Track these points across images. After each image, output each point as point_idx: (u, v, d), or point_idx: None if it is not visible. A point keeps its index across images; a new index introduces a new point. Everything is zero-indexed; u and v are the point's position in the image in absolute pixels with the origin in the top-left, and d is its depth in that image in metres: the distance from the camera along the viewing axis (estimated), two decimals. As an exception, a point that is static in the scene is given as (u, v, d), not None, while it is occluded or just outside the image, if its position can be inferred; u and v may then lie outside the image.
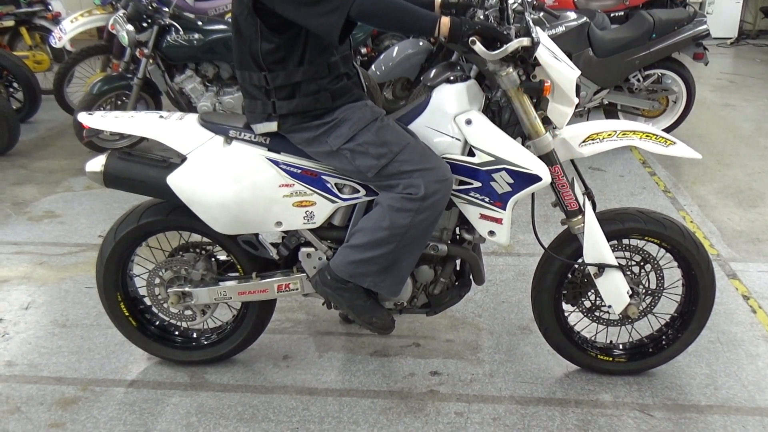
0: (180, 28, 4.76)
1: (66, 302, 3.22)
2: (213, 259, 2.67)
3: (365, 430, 2.40)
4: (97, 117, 2.47)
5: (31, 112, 6.01)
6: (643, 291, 2.57)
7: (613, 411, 2.49)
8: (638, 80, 5.26)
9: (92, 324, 3.02)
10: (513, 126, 2.39)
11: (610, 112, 5.39)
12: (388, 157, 2.22)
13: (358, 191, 2.38)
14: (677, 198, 4.39)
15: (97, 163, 2.44)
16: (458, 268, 2.61)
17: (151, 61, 4.82)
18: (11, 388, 2.63)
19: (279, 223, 2.40)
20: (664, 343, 2.63)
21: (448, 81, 2.39)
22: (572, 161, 2.53)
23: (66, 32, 5.50)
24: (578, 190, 2.49)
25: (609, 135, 2.37)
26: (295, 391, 2.60)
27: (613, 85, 5.23)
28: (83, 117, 2.48)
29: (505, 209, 2.31)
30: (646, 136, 2.38)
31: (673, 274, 2.62)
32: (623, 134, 2.38)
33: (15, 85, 5.90)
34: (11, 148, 5.27)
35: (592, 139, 2.38)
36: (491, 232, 2.36)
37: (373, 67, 5.48)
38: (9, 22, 6.53)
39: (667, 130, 5.38)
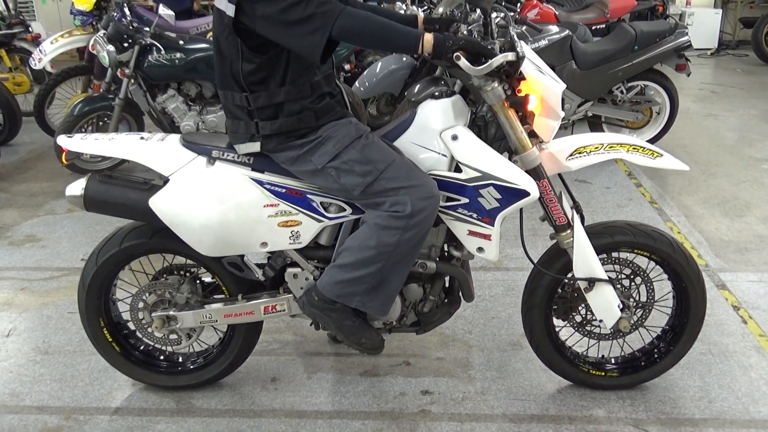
0: (161, 48, 4.72)
1: (48, 328, 3.15)
2: (198, 282, 2.62)
3: (356, 453, 2.36)
4: (77, 140, 2.43)
5: (12, 134, 5.93)
6: (634, 304, 2.55)
7: (607, 427, 2.45)
8: (621, 92, 5.28)
9: (75, 350, 2.95)
10: (499, 141, 2.36)
11: (595, 124, 5.41)
12: (373, 175, 2.19)
13: (345, 209, 2.35)
14: (664, 209, 4.39)
15: (77, 187, 2.39)
16: (447, 285, 2.57)
17: (132, 81, 4.77)
18: (-8, 418, 2.56)
19: (264, 244, 2.36)
20: (656, 356, 2.61)
21: (433, 97, 2.37)
22: (559, 175, 2.51)
23: (46, 53, 5.46)
24: (566, 203, 2.47)
25: (596, 148, 2.36)
26: (284, 414, 2.55)
27: (596, 97, 5.24)
28: (63, 140, 2.44)
29: (493, 225, 2.28)
30: (633, 148, 2.37)
31: (664, 287, 2.60)
32: (610, 147, 2.36)
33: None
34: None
35: (579, 153, 2.36)
36: (480, 249, 2.33)
37: (357, 83, 5.47)
38: (-12, 45, 6.47)
39: (652, 141, 5.39)
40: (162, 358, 2.70)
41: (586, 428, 2.45)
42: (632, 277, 2.56)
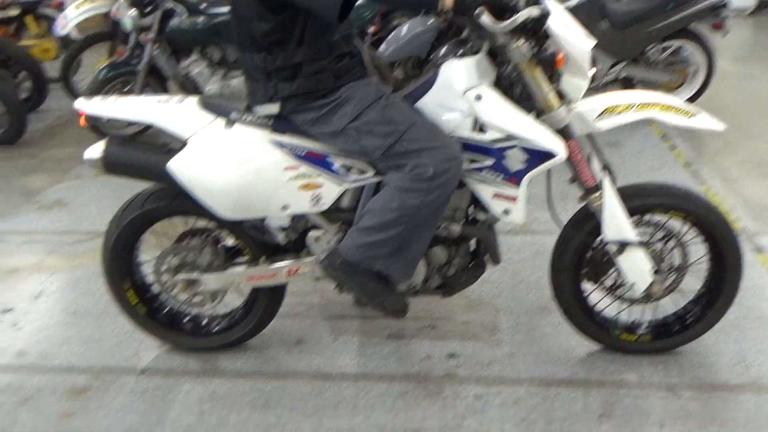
0: (184, 12, 4.67)
1: (77, 290, 3.17)
2: (221, 245, 2.60)
3: (382, 415, 2.34)
4: (95, 103, 2.41)
5: (39, 101, 5.95)
6: (667, 268, 2.48)
7: (638, 391, 2.40)
8: (656, 52, 5.12)
9: (102, 312, 2.96)
10: (526, 101, 2.28)
11: (627, 86, 5.25)
12: (394, 136, 2.14)
13: (366, 172, 2.30)
14: (698, 172, 4.27)
15: (96, 150, 2.38)
16: (473, 248, 2.52)
17: (155, 46, 4.74)
18: (22, 378, 2.58)
19: (285, 207, 2.33)
20: (690, 321, 2.54)
21: (456, 56, 2.30)
22: (589, 136, 2.43)
23: (70, 19, 5.43)
24: (596, 165, 2.39)
25: (627, 108, 2.27)
26: (309, 376, 2.54)
27: (629, 58, 5.09)
28: (80, 104, 2.42)
29: (519, 187, 2.22)
30: (666, 108, 2.27)
31: (699, 251, 2.51)
32: (642, 107, 2.27)
33: (22, 75, 5.85)
34: (20, 138, 5.23)
35: (609, 113, 2.27)
36: (506, 211, 2.27)
37: (382, 46, 5.38)
38: (14, 11, 6.46)
39: (687, 102, 5.23)
40: (187, 320, 2.70)
41: (617, 392, 2.40)
42: (666, 240, 2.48)
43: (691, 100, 5.25)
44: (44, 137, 5.45)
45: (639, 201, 2.38)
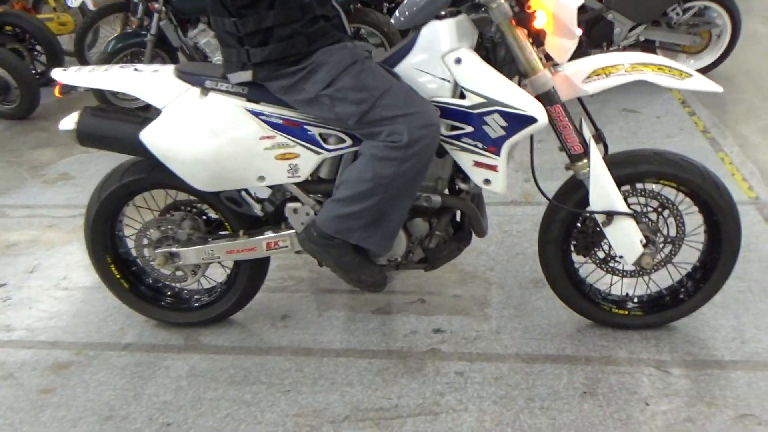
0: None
1: (70, 265, 3.17)
2: (203, 218, 2.55)
3: (359, 391, 2.29)
4: (71, 72, 2.36)
5: (55, 75, 5.96)
6: (662, 239, 2.37)
7: (626, 368, 2.31)
8: (677, 14, 4.90)
9: (93, 286, 2.95)
10: (509, 64, 2.18)
11: (647, 49, 5.03)
12: (368, 103, 2.05)
13: (344, 141, 2.23)
14: (717, 138, 4.08)
15: (70, 121, 2.34)
16: (459, 220, 2.44)
17: (162, 16, 4.70)
18: (7, 353, 2.59)
19: (262, 178, 2.27)
20: (683, 295, 2.42)
21: (437, 17, 2.20)
22: (580, 100, 2.31)
23: (80, -9, 5.42)
24: (587, 131, 2.28)
25: (615, 69, 2.14)
26: (291, 351, 2.50)
27: (650, 20, 4.88)
28: (57, 73, 2.38)
29: (499, 155, 2.12)
30: (659, 68, 2.14)
31: (696, 221, 2.39)
32: (632, 68, 2.14)
33: (38, 48, 5.87)
34: (33, 112, 5.26)
35: (597, 75, 2.15)
36: (486, 180, 2.18)
37: (396, 13, 5.23)
38: (32, -15, 6.49)
39: (711, 66, 5.03)
40: (169, 294, 2.67)
41: (604, 369, 2.31)
42: (660, 210, 2.36)
43: (715, 64, 5.04)
44: (58, 111, 5.45)
45: (630, 169, 2.27)
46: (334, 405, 2.23)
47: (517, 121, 2.07)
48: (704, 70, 4.95)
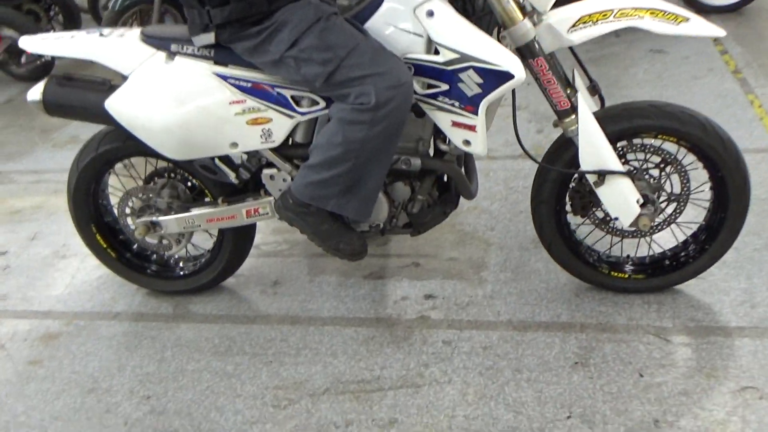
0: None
1: (70, 232, 3.14)
2: (187, 185, 2.48)
3: (343, 362, 2.22)
4: (38, 40, 2.29)
5: (72, 33, 5.92)
6: (665, 198, 2.20)
7: (623, 336, 2.18)
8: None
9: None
10: (489, 15, 2.02)
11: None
12: (334, 63, 1.92)
13: (318, 103, 2.11)
14: (747, 79, 3.80)
15: (36, 92, 2.27)
16: (445, 182, 2.31)
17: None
18: (0, 324, 2.60)
19: (234, 144, 2.18)
20: (687, 256, 2.26)
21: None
22: (572, 50, 2.13)
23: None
24: (580, 83, 2.11)
25: (603, 16, 1.95)
26: (277, 320, 2.44)
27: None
28: (24, 41, 2.30)
29: (477, 114, 1.97)
30: (651, 13, 1.94)
31: (702, 177, 2.21)
32: (621, 13, 1.95)
33: (55, 8, 5.82)
34: (48, 74, 5.22)
35: (584, 23, 1.97)
36: (466, 141, 2.04)
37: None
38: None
39: (735, 6, 4.69)
40: (156, 262, 2.63)
41: (599, 337, 2.19)
42: (663, 166, 2.19)
43: (741, 4, 4.69)
44: (72, 71, 5.43)
45: (626, 123, 2.10)
46: (315, 377, 2.17)
47: (493, 78, 1.91)
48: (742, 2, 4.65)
